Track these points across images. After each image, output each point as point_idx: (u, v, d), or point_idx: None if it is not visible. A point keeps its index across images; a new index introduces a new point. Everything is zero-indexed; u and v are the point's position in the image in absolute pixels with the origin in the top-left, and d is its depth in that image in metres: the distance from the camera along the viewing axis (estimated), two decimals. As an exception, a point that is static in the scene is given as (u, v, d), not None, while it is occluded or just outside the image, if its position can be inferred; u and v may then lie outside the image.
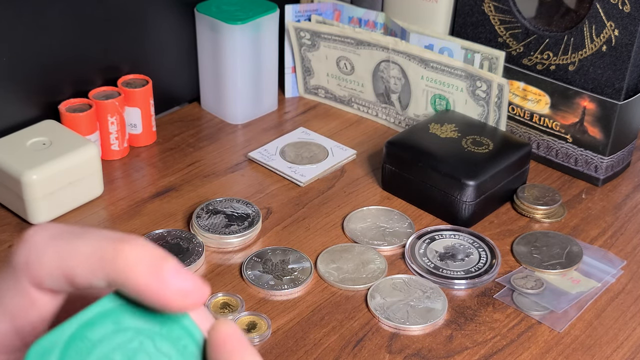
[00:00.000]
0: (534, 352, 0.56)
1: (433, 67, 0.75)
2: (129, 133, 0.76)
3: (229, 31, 0.76)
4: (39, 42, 0.70)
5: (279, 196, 0.71)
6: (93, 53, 0.75)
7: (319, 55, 0.83)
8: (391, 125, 0.82)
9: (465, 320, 0.58)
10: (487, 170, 0.66)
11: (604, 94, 0.70)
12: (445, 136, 0.70)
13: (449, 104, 0.76)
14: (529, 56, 0.74)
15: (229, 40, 0.76)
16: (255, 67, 0.80)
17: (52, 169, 0.65)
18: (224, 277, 0.61)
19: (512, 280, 0.61)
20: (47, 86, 0.73)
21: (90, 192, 0.69)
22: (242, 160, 0.76)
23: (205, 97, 0.83)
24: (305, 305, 0.59)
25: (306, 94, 0.87)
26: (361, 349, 0.55)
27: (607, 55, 0.69)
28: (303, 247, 0.65)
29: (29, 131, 0.68)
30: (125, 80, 0.76)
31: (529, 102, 0.75)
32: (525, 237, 0.66)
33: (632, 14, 0.66)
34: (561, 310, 0.59)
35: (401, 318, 0.57)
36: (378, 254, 0.64)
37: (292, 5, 0.82)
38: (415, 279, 0.61)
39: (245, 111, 0.82)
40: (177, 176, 0.73)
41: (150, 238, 0.64)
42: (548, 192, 0.70)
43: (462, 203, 0.66)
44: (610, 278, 0.62)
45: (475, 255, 0.63)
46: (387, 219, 0.68)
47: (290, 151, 0.76)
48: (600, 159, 0.72)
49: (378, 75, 0.80)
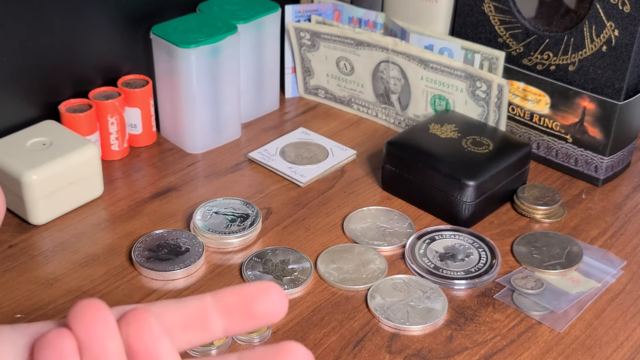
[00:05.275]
0: (534, 352, 0.56)
1: (433, 67, 0.75)
2: (129, 133, 0.76)
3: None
4: (39, 42, 0.70)
5: (279, 196, 0.71)
6: (93, 53, 0.75)
7: (318, 56, 0.83)
8: (391, 126, 0.82)
9: (465, 321, 0.58)
10: (487, 170, 0.66)
11: (604, 94, 0.70)
12: (445, 136, 0.70)
13: (449, 104, 0.76)
14: (529, 56, 0.74)
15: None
16: (256, 67, 0.80)
17: (52, 169, 0.65)
18: (224, 277, 0.62)
19: (512, 280, 0.61)
20: (47, 86, 0.73)
21: (91, 193, 0.69)
22: (242, 161, 0.76)
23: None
24: (305, 305, 0.59)
25: (306, 94, 0.87)
26: (361, 349, 0.55)
27: (607, 55, 0.69)
28: (303, 247, 0.65)
29: (29, 131, 0.68)
30: (125, 81, 0.76)
31: (529, 103, 0.75)
32: (525, 237, 0.66)
33: (632, 14, 0.66)
34: (561, 310, 0.59)
35: (401, 318, 0.57)
36: (378, 254, 0.64)
37: (292, 6, 0.82)
38: (415, 279, 0.61)
39: (247, 111, 0.82)
40: (177, 176, 0.73)
41: (150, 238, 0.64)
42: (548, 192, 0.70)
43: (462, 203, 0.66)
44: (610, 278, 0.62)
45: (475, 255, 0.63)
46: (387, 219, 0.68)
47: (290, 151, 0.76)
48: (600, 159, 0.72)
49: (378, 76, 0.80)
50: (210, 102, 0.75)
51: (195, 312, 0.29)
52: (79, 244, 0.64)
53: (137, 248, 0.63)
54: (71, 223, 0.67)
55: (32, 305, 0.58)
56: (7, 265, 0.62)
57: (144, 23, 0.77)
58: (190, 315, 0.29)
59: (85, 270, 0.62)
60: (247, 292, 0.29)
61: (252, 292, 0.29)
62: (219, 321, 0.29)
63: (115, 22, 0.76)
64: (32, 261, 0.62)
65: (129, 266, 0.62)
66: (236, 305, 0.29)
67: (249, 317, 0.29)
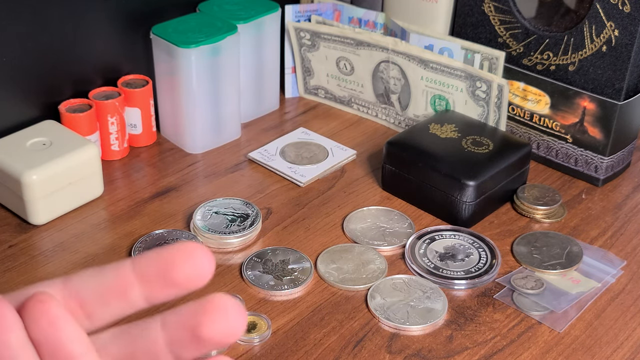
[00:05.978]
0: (534, 352, 0.56)
1: (433, 67, 0.75)
2: (129, 133, 0.76)
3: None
4: (39, 42, 0.70)
5: (279, 196, 0.71)
6: (93, 53, 0.75)
7: (319, 56, 0.83)
8: (391, 126, 0.82)
9: (465, 321, 0.58)
10: (487, 170, 0.66)
11: (604, 94, 0.70)
12: (445, 136, 0.70)
13: (449, 104, 0.76)
14: (529, 56, 0.74)
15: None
16: (256, 67, 0.80)
17: (52, 169, 0.65)
18: (224, 277, 0.62)
19: (512, 280, 0.61)
20: (47, 86, 0.73)
21: (91, 193, 0.69)
22: (242, 161, 0.76)
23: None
24: (305, 305, 0.59)
25: (306, 94, 0.87)
26: (361, 349, 0.55)
27: (607, 55, 0.69)
28: (303, 247, 0.65)
29: (29, 131, 0.68)
30: (125, 81, 0.76)
31: (529, 103, 0.75)
32: (525, 237, 0.66)
33: (632, 14, 0.66)
34: (561, 310, 0.59)
35: (401, 318, 0.57)
36: (378, 254, 0.64)
37: (292, 6, 0.82)
38: (415, 279, 0.61)
39: (247, 111, 0.82)
40: (177, 176, 0.73)
41: (150, 238, 0.64)
42: (548, 192, 0.70)
43: (462, 203, 0.66)
44: (610, 278, 0.62)
45: (475, 255, 0.63)
46: (387, 219, 0.68)
47: (290, 151, 0.76)
48: (600, 159, 0.72)
49: (378, 76, 0.80)
50: (210, 102, 0.75)
51: (114, 282, 0.27)
52: (79, 244, 0.64)
53: (137, 248, 0.63)
54: (71, 223, 0.67)
55: (32, 305, 0.58)
56: (7, 265, 0.62)
57: (144, 23, 0.77)
58: (109, 285, 0.27)
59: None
60: (166, 256, 0.26)
61: (172, 255, 0.26)
62: (139, 290, 0.27)
63: (115, 22, 0.76)
64: (32, 261, 0.62)
65: (129, 266, 0.62)
66: (156, 272, 0.26)
67: (169, 284, 0.26)
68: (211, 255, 0.26)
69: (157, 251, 0.27)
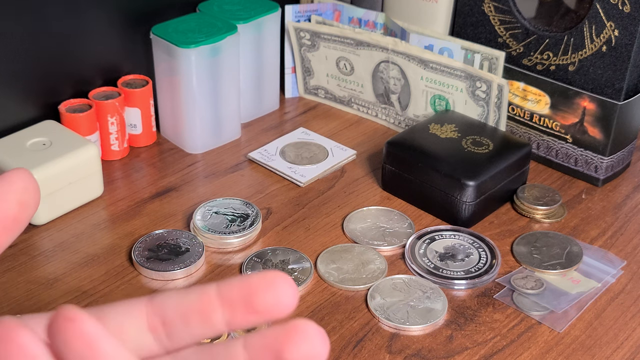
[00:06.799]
0: (534, 352, 0.56)
1: (432, 67, 0.75)
2: (129, 133, 0.76)
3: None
4: (38, 42, 0.70)
5: (279, 196, 0.71)
6: (93, 53, 0.75)
7: (318, 56, 0.83)
8: (391, 126, 0.82)
9: (465, 321, 0.58)
10: (487, 170, 0.66)
11: (604, 94, 0.70)
12: (445, 136, 0.70)
13: (449, 104, 0.76)
14: (529, 56, 0.74)
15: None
16: (256, 67, 0.80)
17: (52, 169, 0.65)
18: (224, 277, 0.61)
19: (512, 280, 0.61)
20: (47, 86, 0.73)
21: (91, 193, 0.69)
22: (242, 161, 0.76)
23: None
24: (305, 305, 0.59)
25: (306, 94, 0.87)
26: (361, 349, 0.55)
27: (607, 55, 0.69)
28: (303, 247, 0.65)
29: (29, 131, 0.68)
30: (125, 81, 0.76)
31: (529, 103, 0.75)
32: (525, 237, 0.66)
33: (632, 14, 0.66)
34: (561, 310, 0.59)
35: (401, 318, 0.57)
36: (378, 254, 0.64)
37: (292, 6, 0.82)
38: (415, 279, 0.61)
39: (247, 111, 0.82)
40: (177, 176, 0.73)
41: (150, 238, 0.64)
42: (548, 193, 0.70)
43: (462, 203, 0.66)
44: (610, 278, 0.62)
45: (475, 255, 0.63)
46: (387, 219, 0.68)
47: (290, 151, 0.76)
48: (600, 159, 0.72)
49: (378, 76, 0.80)
50: (210, 102, 0.75)
51: (197, 303, 0.27)
52: (79, 244, 0.64)
53: (137, 248, 0.63)
54: (71, 223, 0.67)
55: (32, 305, 0.58)
56: (7, 265, 0.62)
57: (144, 23, 0.77)
58: (191, 306, 0.27)
59: (85, 270, 0.62)
60: (250, 283, 0.27)
61: (255, 283, 0.27)
62: (221, 314, 0.27)
63: (115, 22, 0.76)
64: (32, 261, 0.62)
65: (129, 266, 0.62)
66: (239, 298, 0.27)
67: (251, 311, 0.27)
68: (294, 287, 0.27)
69: (242, 277, 0.27)
